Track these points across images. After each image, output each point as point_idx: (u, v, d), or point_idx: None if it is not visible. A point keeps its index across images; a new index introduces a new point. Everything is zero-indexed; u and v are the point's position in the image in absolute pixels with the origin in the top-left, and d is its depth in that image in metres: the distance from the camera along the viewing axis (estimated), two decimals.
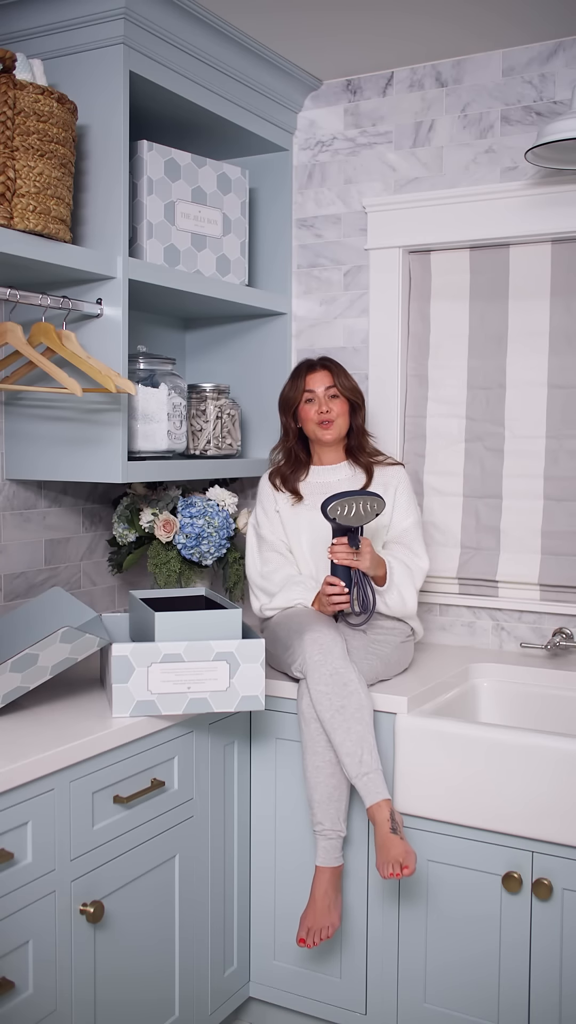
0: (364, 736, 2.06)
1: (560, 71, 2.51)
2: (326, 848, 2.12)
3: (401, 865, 1.98)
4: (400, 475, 2.49)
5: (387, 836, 2.01)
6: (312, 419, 2.44)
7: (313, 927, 2.11)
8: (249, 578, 2.50)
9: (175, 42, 2.31)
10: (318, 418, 2.43)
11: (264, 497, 2.53)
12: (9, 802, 1.65)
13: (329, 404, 2.43)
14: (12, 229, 1.96)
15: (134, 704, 1.95)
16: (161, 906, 2.06)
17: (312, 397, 2.44)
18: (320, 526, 2.40)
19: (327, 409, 2.42)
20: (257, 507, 2.54)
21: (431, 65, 2.67)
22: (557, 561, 2.60)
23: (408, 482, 2.50)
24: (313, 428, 2.45)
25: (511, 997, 2.07)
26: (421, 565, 2.42)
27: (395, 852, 1.99)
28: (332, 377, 2.44)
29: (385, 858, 2.00)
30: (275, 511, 2.49)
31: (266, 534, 2.49)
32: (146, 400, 2.42)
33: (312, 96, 2.84)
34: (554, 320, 2.59)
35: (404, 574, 2.36)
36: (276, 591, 2.41)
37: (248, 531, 2.55)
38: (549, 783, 1.98)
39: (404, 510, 2.46)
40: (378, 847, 2.02)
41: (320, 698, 2.09)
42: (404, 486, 2.48)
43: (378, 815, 2.03)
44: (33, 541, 2.52)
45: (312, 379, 2.45)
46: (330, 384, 2.44)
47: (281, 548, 2.47)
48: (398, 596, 2.35)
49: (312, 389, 2.44)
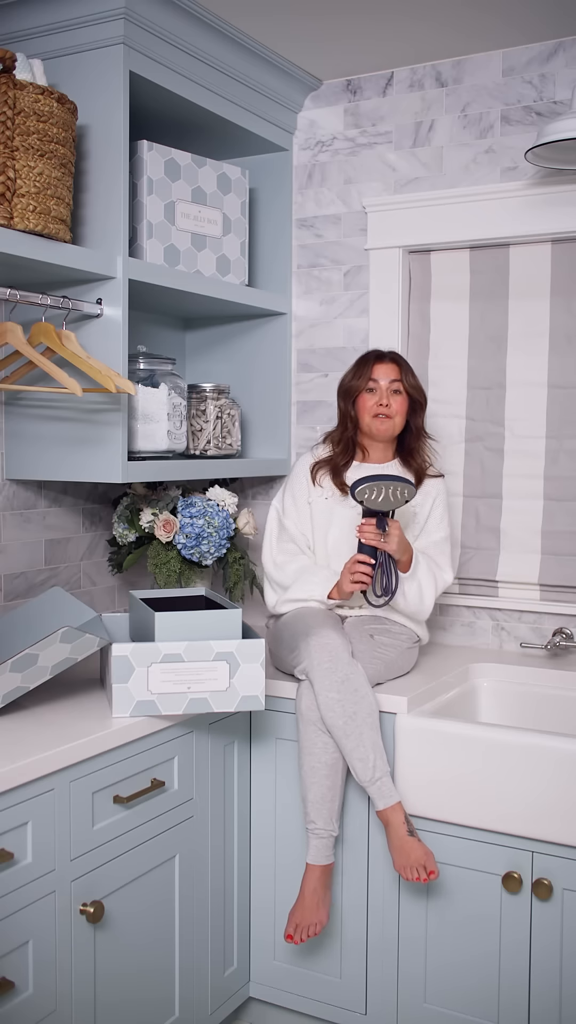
0: (375, 741, 2.07)
1: (560, 71, 2.51)
2: (318, 847, 2.12)
3: (427, 870, 2.01)
4: (439, 487, 2.45)
5: (405, 839, 2.03)
6: (370, 410, 2.37)
7: (301, 923, 2.11)
8: (264, 566, 2.46)
9: (175, 42, 2.31)
10: (376, 410, 2.36)
11: (297, 487, 2.45)
12: (9, 802, 1.66)
13: (390, 398, 2.37)
14: (12, 229, 1.96)
15: (134, 704, 1.95)
16: (161, 906, 2.06)
17: (375, 387, 2.37)
18: (350, 522, 2.37)
19: (387, 403, 2.36)
20: (286, 495, 2.47)
21: (431, 65, 2.67)
22: (557, 561, 2.60)
23: (446, 495, 2.46)
24: (368, 420, 2.38)
25: (511, 997, 2.07)
26: (445, 578, 2.40)
27: (416, 856, 2.01)
28: (399, 371, 2.38)
29: (406, 862, 2.01)
30: (307, 503, 2.43)
31: (289, 525, 2.44)
32: (146, 400, 2.42)
33: (312, 96, 2.84)
34: (554, 320, 2.59)
35: (428, 573, 2.35)
36: (290, 583, 2.38)
37: (271, 516, 2.48)
38: (549, 783, 1.98)
39: (438, 523, 2.43)
40: (395, 850, 2.03)
41: (331, 704, 2.08)
42: (441, 498, 2.45)
43: (393, 818, 2.04)
44: (33, 541, 2.52)
45: (379, 369, 2.38)
46: (396, 378, 2.37)
47: (300, 542, 2.43)
48: (418, 591, 2.33)
49: (376, 379, 2.37)
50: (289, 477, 2.51)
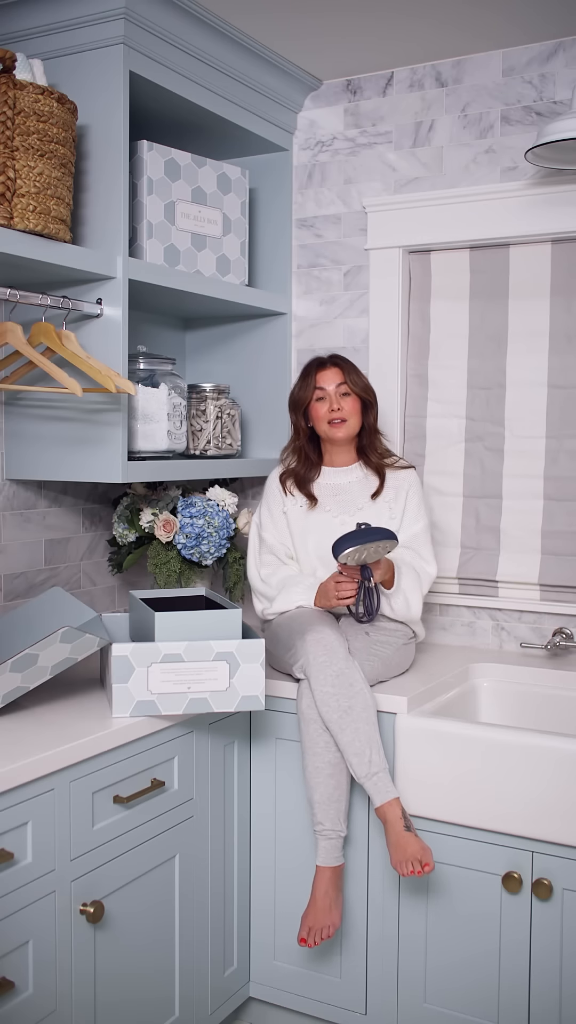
0: (372, 736, 2.07)
1: (560, 71, 2.51)
2: (327, 848, 2.12)
3: (421, 863, 1.99)
4: (412, 478, 2.46)
5: (402, 834, 2.02)
6: (323, 418, 2.41)
7: (314, 927, 2.11)
8: (250, 580, 2.50)
9: (175, 42, 2.31)
10: (329, 416, 2.40)
11: (271, 498, 2.49)
12: (9, 802, 1.66)
13: (340, 402, 2.39)
14: (12, 229, 1.96)
15: (134, 704, 1.95)
16: (161, 906, 2.06)
17: (323, 395, 2.40)
18: (328, 528, 2.39)
19: (338, 407, 2.39)
20: (263, 508, 2.51)
21: (431, 65, 2.67)
22: (557, 561, 2.60)
23: (419, 486, 2.48)
24: (324, 427, 2.42)
25: (511, 997, 2.07)
26: (429, 571, 2.41)
27: (412, 850, 2.00)
28: (343, 374, 2.41)
29: (402, 856, 2.01)
30: (282, 513, 2.46)
31: (268, 537, 2.47)
32: (146, 400, 2.42)
33: (312, 96, 2.84)
34: (554, 320, 2.59)
35: (412, 580, 2.35)
36: (275, 595, 2.40)
37: (251, 531, 2.53)
38: (549, 783, 1.98)
39: (414, 515, 2.44)
40: (392, 846, 2.03)
41: (326, 699, 2.08)
42: (415, 490, 2.46)
43: (390, 813, 2.04)
44: (33, 541, 2.52)
45: (323, 376, 2.41)
46: (341, 381, 2.40)
47: (280, 552, 2.46)
48: (403, 601, 2.34)
49: (323, 387, 2.40)
50: (264, 491, 2.54)
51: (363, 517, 2.39)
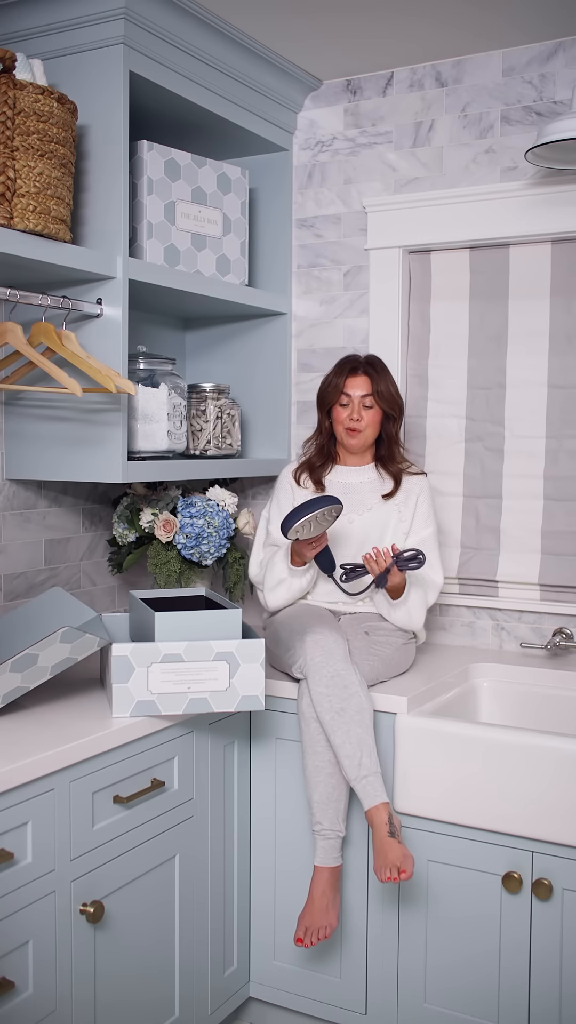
0: (363, 739, 2.06)
1: (560, 71, 2.51)
2: (325, 848, 2.12)
3: (399, 869, 1.98)
4: (423, 484, 2.47)
5: (385, 840, 2.01)
6: (343, 423, 2.42)
7: (311, 927, 2.11)
8: (250, 574, 2.50)
9: (175, 42, 2.31)
10: (348, 423, 2.41)
11: (282, 492, 2.50)
12: (9, 802, 1.66)
13: (361, 413, 2.40)
14: (12, 229, 1.96)
15: (134, 704, 1.95)
16: (161, 906, 2.06)
17: (347, 402, 2.41)
18: (336, 524, 2.39)
19: (358, 418, 2.39)
20: (272, 503, 2.51)
21: (431, 65, 2.67)
22: (557, 561, 2.60)
23: (430, 492, 2.48)
24: (341, 432, 2.43)
25: (511, 997, 2.07)
26: (436, 580, 2.42)
27: (393, 856, 1.99)
28: (371, 385, 2.39)
29: (383, 862, 2.00)
30: (291, 505, 2.46)
31: (273, 530, 2.47)
32: (146, 400, 2.42)
33: (312, 96, 2.84)
34: (554, 320, 2.59)
35: (418, 597, 2.37)
36: (264, 575, 2.41)
37: (259, 526, 2.53)
38: (549, 783, 1.98)
39: (424, 520, 2.44)
40: (376, 851, 2.02)
41: (320, 700, 2.09)
42: (425, 496, 2.46)
43: (376, 818, 2.03)
44: (33, 541, 2.52)
45: (352, 383, 2.41)
46: (367, 392, 2.40)
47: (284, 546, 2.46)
48: (406, 614, 2.35)
49: (349, 393, 2.40)
50: (274, 488, 2.55)
51: (372, 518, 2.41)
